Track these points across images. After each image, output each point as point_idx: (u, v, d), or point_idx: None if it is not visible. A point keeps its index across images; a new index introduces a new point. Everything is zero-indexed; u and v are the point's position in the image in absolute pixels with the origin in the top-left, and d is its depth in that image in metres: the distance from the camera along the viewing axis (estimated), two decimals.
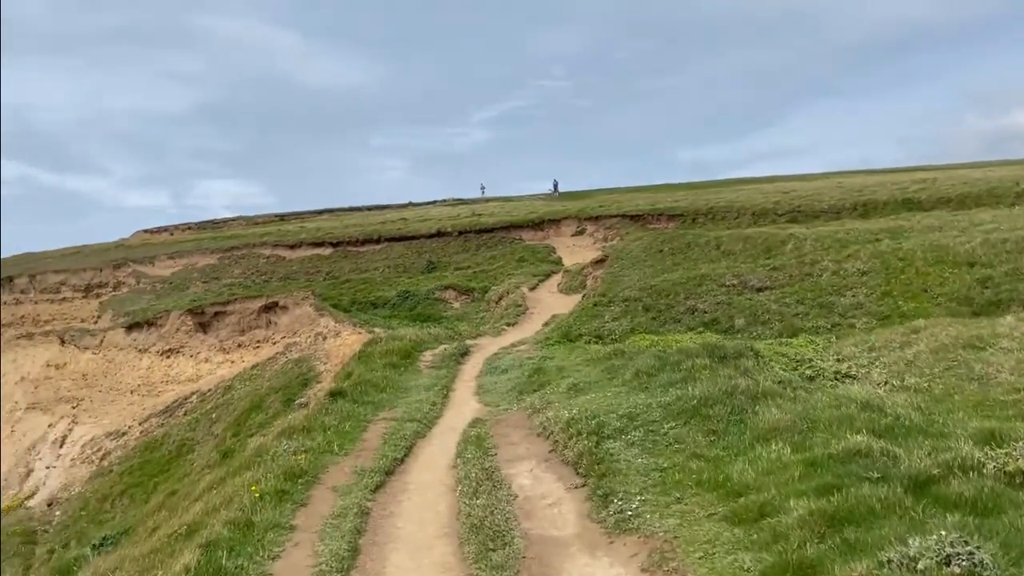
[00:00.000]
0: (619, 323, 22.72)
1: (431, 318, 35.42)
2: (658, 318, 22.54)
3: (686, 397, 9.63)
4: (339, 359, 30.40)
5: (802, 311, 20.50)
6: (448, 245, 46.46)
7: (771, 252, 24.39)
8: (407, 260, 45.68)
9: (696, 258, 25.80)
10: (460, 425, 13.90)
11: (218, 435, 28.16)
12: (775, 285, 22.32)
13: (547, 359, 18.78)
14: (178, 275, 47.71)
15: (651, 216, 46.13)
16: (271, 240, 49.58)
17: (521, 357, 20.11)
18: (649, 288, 24.08)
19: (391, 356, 19.96)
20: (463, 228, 47.62)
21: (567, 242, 47.34)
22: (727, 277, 23.27)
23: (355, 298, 37.54)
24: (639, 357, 13.85)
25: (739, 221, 39.76)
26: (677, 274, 24.63)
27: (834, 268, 22.03)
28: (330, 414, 13.97)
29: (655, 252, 27.21)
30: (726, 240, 25.83)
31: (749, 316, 20.94)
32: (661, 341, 16.69)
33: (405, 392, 16.87)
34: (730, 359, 13.16)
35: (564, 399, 12.70)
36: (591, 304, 24.62)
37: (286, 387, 29.42)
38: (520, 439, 11.19)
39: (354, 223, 54.07)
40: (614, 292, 24.72)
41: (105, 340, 38.47)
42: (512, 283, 35.23)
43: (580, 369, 15.80)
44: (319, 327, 32.11)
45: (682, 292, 23.21)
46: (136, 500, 26.70)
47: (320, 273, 44.08)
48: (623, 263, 27.31)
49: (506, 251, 44.47)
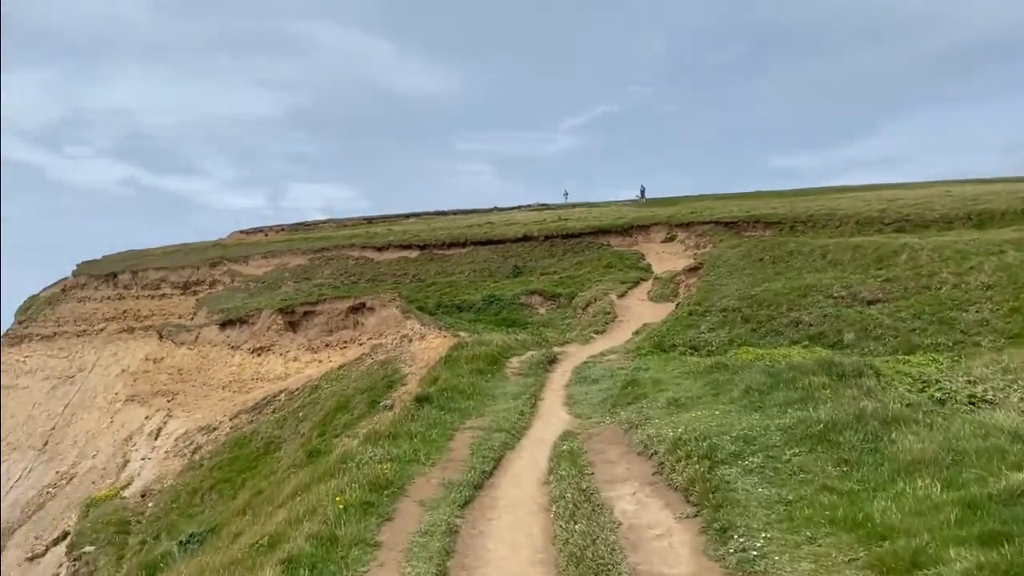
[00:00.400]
0: (716, 334, 21.58)
1: (516, 323, 34.86)
2: (758, 330, 21.29)
3: (809, 420, 8.62)
4: (424, 362, 30.15)
5: (919, 326, 18.94)
6: (534, 250, 45.84)
7: (883, 263, 22.76)
8: (493, 264, 45.30)
9: (799, 267, 24.34)
10: (550, 437, 13.20)
11: (304, 434, 28.27)
12: (888, 298, 20.76)
13: (641, 370, 17.88)
14: (270, 274, 48.69)
15: (746, 223, 44.36)
16: (359, 242, 50.06)
17: (612, 367, 19.26)
18: (749, 298, 22.82)
19: (477, 362, 19.42)
20: (549, 233, 46.93)
21: (656, 249, 46.03)
22: (835, 288, 21.80)
23: (440, 301, 37.36)
24: (746, 372, 12.83)
25: (842, 230, 37.70)
26: (779, 284, 23.27)
27: (954, 281, 20.32)
28: (416, 420, 13.48)
29: (754, 260, 25.85)
30: (832, 249, 24.28)
31: (859, 330, 19.50)
32: (767, 355, 15.56)
33: (492, 400, 16.27)
34: (849, 377, 12.01)
35: (665, 415, 11.81)
36: (686, 313, 23.53)
37: (371, 388, 29.33)
38: (618, 457, 10.37)
39: (440, 226, 54.15)
40: (710, 301, 23.56)
41: (200, 336, 39.46)
42: (600, 289, 34.32)
43: (679, 382, 14.85)
44: (405, 329, 31.97)
45: (785, 303, 21.88)
46: (224, 495, 27.02)
47: (407, 275, 44.18)
48: (720, 271, 26.06)
49: (593, 257, 43.53)
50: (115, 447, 37.02)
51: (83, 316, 52.58)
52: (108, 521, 27.85)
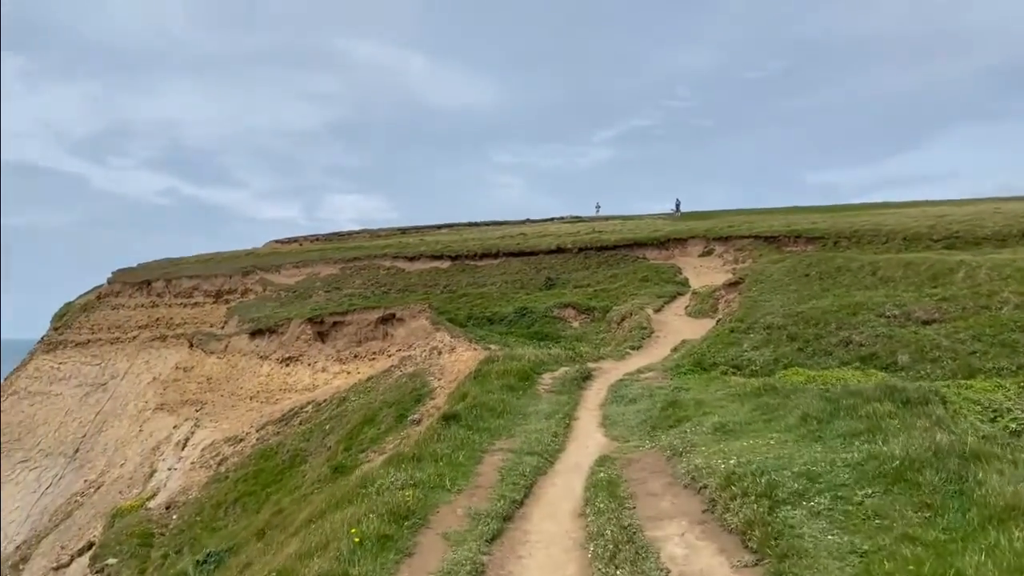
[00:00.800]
0: (760, 353, 20.51)
1: (549, 337, 34.00)
2: (805, 349, 20.19)
3: (881, 455, 7.65)
4: (454, 375, 29.42)
5: (980, 349, 17.71)
6: (567, 262, 44.96)
7: (937, 280, 21.53)
8: (525, 276, 44.52)
9: (848, 284, 23.18)
10: (586, 462, 12.34)
11: (331, 447, 27.67)
12: (945, 318, 19.54)
13: (681, 390, 16.92)
14: (302, 284, 48.42)
15: (787, 238, 43.06)
16: (391, 252, 49.63)
17: (651, 386, 18.32)
18: (795, 315, 21.71)
19: (508, 377, 18.59)
20: (583, 245, 46.03)
21: (694, 263, 44.90)
22: (887, 307, 20.62)
23: (471, 313, 36.64)
24: (800, 396, 11.84)
25: (888, 246, 36.31)
26: (827, 301, 22.13)
27: (1017, 301, 19.05)
28: (442, 441, 12.68)
29: (799, 276, 24.72)
30: (883, 265, 23.09)
31: (915, 352, 18.32)
32: (819, 377, 14.52)
33: (523, 418, 15.43)
34: (915, 405, 10.97)
35: (712, 442, 10.87)
36: (727, 330, 22.48)
37: (399, 402, 28.66)
38: (662, 489, 9.47)
39: (472, 237, 53.54)
40: (753, 318, 22.49)
41: (230, 345, 39.16)
42: (635, 304, 33.33)
43: (724, 405, 13.87)
44: (434, 341, 31.28)
45: (834, 321, 20.74)
46: (248, 509, 26.49)
47: (437, 286, 43.55)
48: (762, 287, 24.97)
49: (628, 270, 42.53)
50: (143, 456, 36.78)
51: (117, 323, 52.78)
52: (132, 533, 27.44)
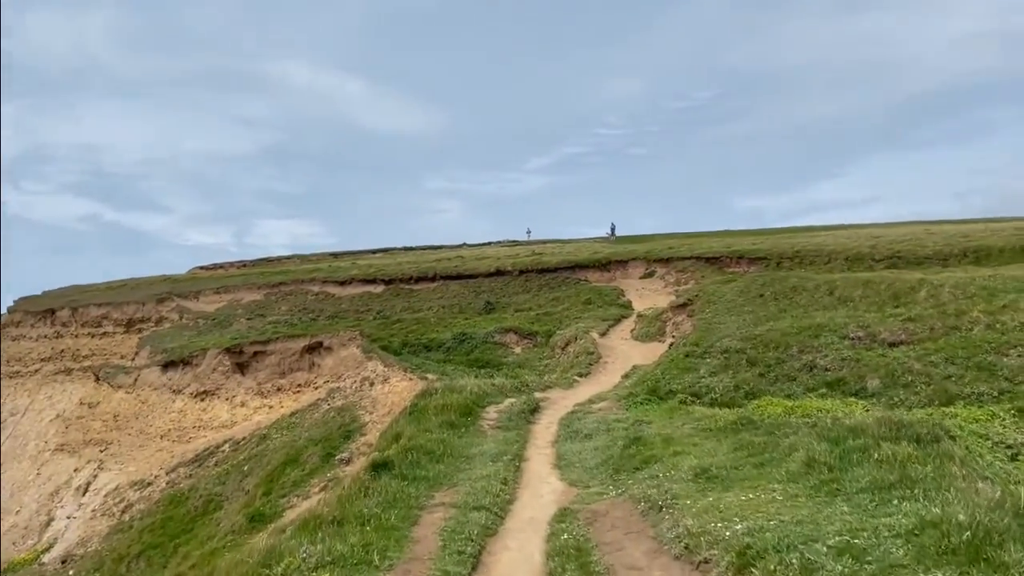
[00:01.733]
0: (718, 379, 18.97)
1: (490, 364, 32.04)
2: (767, 375, 18.73)
3: (941, 523, 5.90)
4: (387, 408, 27.14)
5: (955, 373, 16.49)
6: (507, 285, 43.19)
7: (899, 299, 20.44)
8: (463, 300, 42.55)
9: (805, 304, 21.95)
10: (543, 515, 10.42)
11: (248, 491, 24.99)
12: (912, 340, 18.35)
13: (642, 423, 15.15)
14: (222, 311, 45.32)
15: (729, 259, 42.29)
16: (320, 276, 46.99)
17: (606, 418, 16.51)
18: (753, 338, 20.30)
19: (448, 413, 16.52)
20: (524, 267, 44.38)
21: (635, 285, 43.71)
22: (850, 328, 19.37)
23: (407, 340, 34.42)
24: (789, 434, 10.15)
25: (831, 266, 35.69)
26: (785, 322, 20.81)
27: (988, 321, 17.99)
28: (371, 496, 10.56)
29: (753, 296, 23.42)
30: (840, 284, 21.95)
31: (885, 377, 17.00)
32: (798, 408, 12.92)
33: (467, 462, 13.40)
34: (926, 443, 9.40)
35: (696, 492, 9.07)
36: (681, 355, 20.91)
37: (326, 439, 26.22)
38: (645, 559, 7.57)
39: (408, 260, 51.37)
40: (709, 341, 20.99)
41: (139, 379, 35.93)
42: (580, 328, 31.69)
43: (697, 443, 12.13)
44: (366, 371, 28.96)
45: (795, 344, 19.37)
46: (153, 564, 23.58)
47: (370, 312, 41.17)
48: (715, 308, 23.58)
49: (570, 292, 41.01)
50: (40, 503, 33.17)
51: (17, 356, 48.52)
52: None
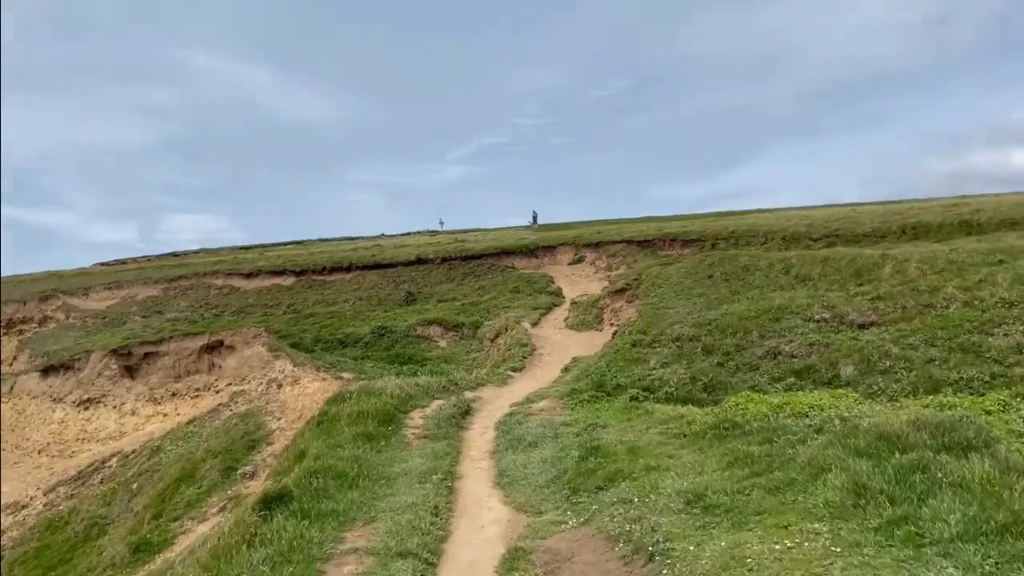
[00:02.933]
0: (672, 371, 16.89)
1: (413, 359, 29.39)
2: (726, 364, 16.75)
3: None
4: (297, 413, 24.19)
5: (937, 356, 14.82)
6: (429, 274, 40.48)
7: (862, 277, 18.81)
8: (382, 291, 39.63)
9: (760, 285, 20.12)
10: (487, 559, 8.06)
11: (137, 513, 21.70)
12: (884, 320, 16.66)
13: (597, 427, 12.86)
14: (114, 309, 41.08)
15: (661, 241, 40.69)
16: (224, 268, 43.16)
17: (552, 421, 14.16)
18: (707, 324, 18.31)
19: (365, 421, 13.84)
20: (447, 255, 41.74)
21: (565, 271, 41.68)
22: (815, 309, 17.58)
23: (320, 336, 31.38)
24: (803, 447, 7.98)
25: (768, 246, 34.40)
26: (741, 305, 18.92)
27: (964, 298, 16.44)
28: (258, 547, 7.88)
29: (702, 278, 21.49)
30: (797, 262, 20.21)
31: (860, 362, 15.22)
32: (788, 405, 10.80)
33: (388, 485, 10.81)
34: (978, 450, 7.37)
35: (695, 530, 6.76)
36: (628, 344, 18.77)
37: (228, 450, 23.12)
38: None
39: (321, 250, 47.97)
40: (658, 328, 18.92)
41: (16, 386, 31.75)
42: (510, 317, 29.34)
43: (672, 453, 9.88)
44: (273, 372, 25.89)
45: (755, 329, 17.47)
46: None
47: (280, 306, 37.80)
48: (661, 291, 21.55)
49: (497, 280, 38.62)
50: None
51: None
52: None
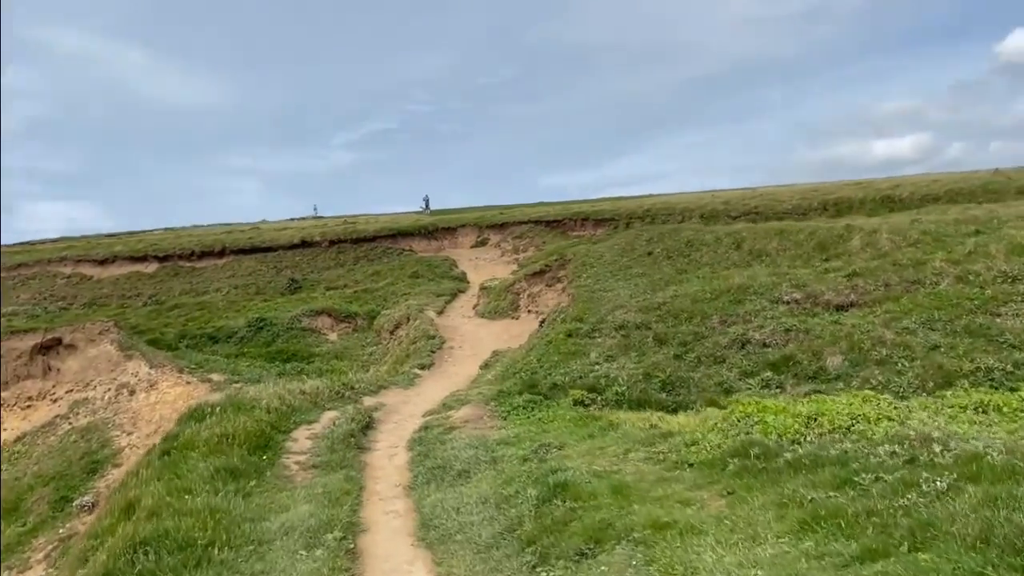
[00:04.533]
0: (619, 365, 13.86)
1: (297, 356, 25.33)
2: (685, 356, 13.86)
3: None
4: (154, 426, 19.82)
5: (942, 342, 12.38)
6: (316, 258, 36.22)
7: (828, 251, 16.39)
8: (262, 278, 35.10)
9: (709, 262, 17.42)
10: None
11: None
12: (866, 300, 14.18)
13: (549, 448, 9.59)
14: None
15: (571, 222, 38.05)
16: (74, 255, 37.26)
17: (484, 438, 10.77)
18: (656, 308, 15.38)
19: (230, 449, 10.05)
20: (336, 237, 37.56)
21: (468, 254, 38.34)
22: (783, 289, 14.95)
23: (186, 330, 26.76)
24: (944, 502, 4.95)
25: (686, 225, 32.26)
26: (693, 286, 16.10)
27: (956, 272, 14.15)
28: None
29: (641, 256, 18.62)
30: (749, 236, 17.63)
31: (849, 351, 12.62)
32: (825, 415, 7.81)
33: (258, 556, 7.17)
34: None
35: None
36: (561, 335, 15.62)
37: (63, 475, 18.59)
38: None
39: (190, 235, 42.61)
40: (597, 315, 15.86)
41: None
42: (412, 306, 25.72)
43: (684, 496, 6.70)
44: (125, 375, 21.33)
45: (715, 313, 14.67)
46: None
47: (140, 297, 32.66)
48: (594, 272, 18.54)
49: (394, 265, 34.83)
50: None
51: None
52: None
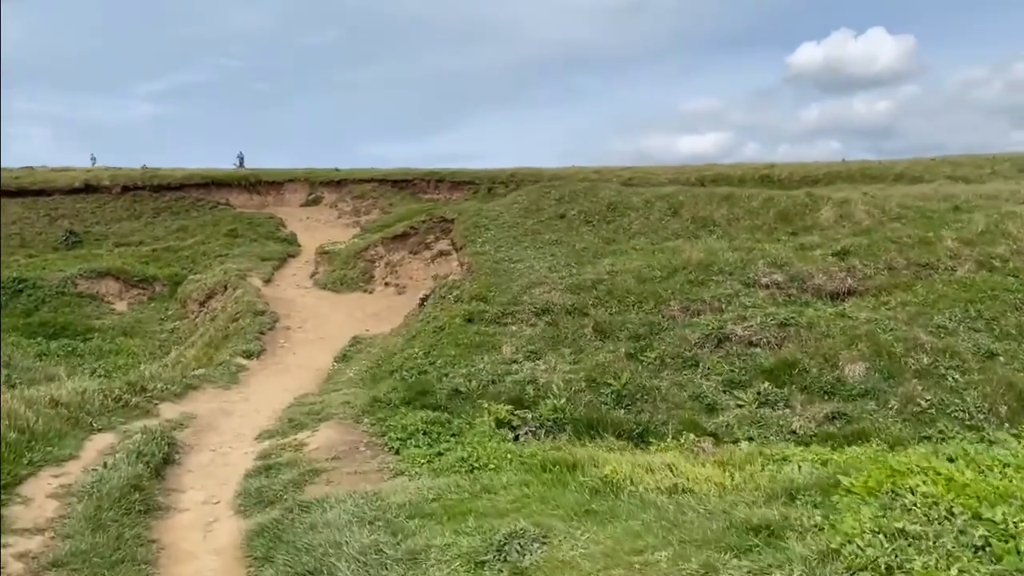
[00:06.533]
0: (549, 366, 9.78)
1: (70, 331, 19.04)
2: (641, 355, 9.95)
3: None
4: None
5: (1000, 348, 9.35)
6: (104, 207, 29.16)
7: (794, 223, 13.19)
8: (30, 228, 27.72)
9: (641, 231, 13.67)
10: None
11: None
12: (867, 287, 10.95)
13: (527, 544, 5.18)
14: None
15: (424, 183, 33.50)
16: None
17: (380, 504, 6.03)
18: (590, 287, 11.33)
19: None
20: (130, 182, 30.48)
21: (298, 214, 32.60)
22: (759, 268, 11.39)
23: None
24: None
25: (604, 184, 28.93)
26: (634, 260, 12.23)
27: (976, 256, 11.22)
28: None
29: (551, 219, 14.52)
30: (688, 202, 14.07)
31: (873, 357, 9.23)
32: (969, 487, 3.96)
33: None
34: None
35: None
36: (458, 319, 11.19)
37: None
38: None
39: None
40: (507, 294, 11.58)
41: None
42: (230, 271, 20.12)
43: None
44: None
45: (672, 297, 10.85)
46: None
47: None
48: (491, 235, 14.26)
49: (205, 220, 28.57)
50: None
51: None
52: None
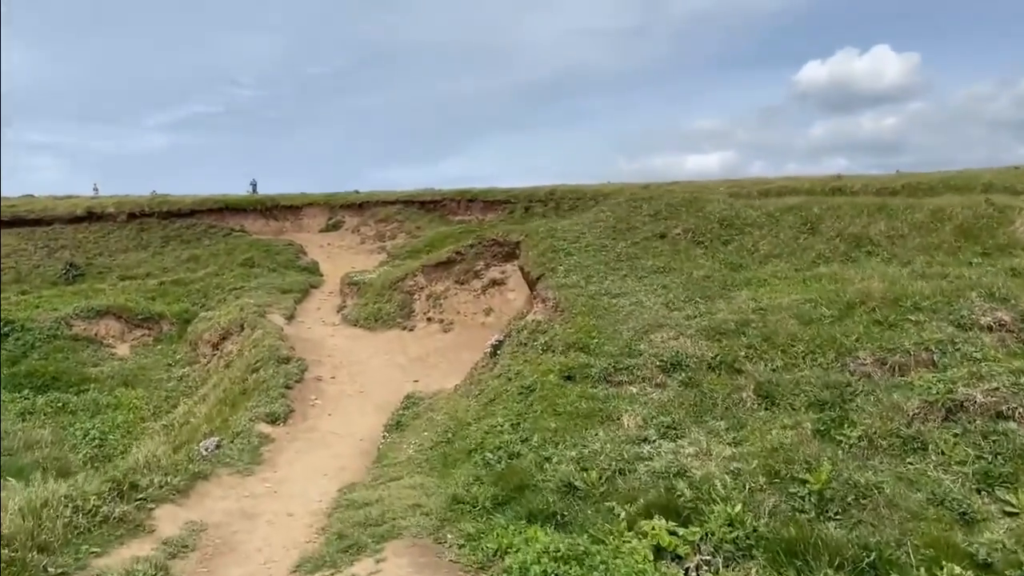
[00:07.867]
0: (701, 448, 7.18)
1: (61, 381, 16.26)
2: (836, 432, 7.12)
3: None
4: None
5: None
6: (108, 236, 26.50)
7: (980, 239, 10.23)
8: (26, 261, 25.10)
9: (774, 252, 10.78)
10: None
11: None
12: None
13: None
14: None
15: (454, 203, 30.65)
16: None
17: None
18: (733, 331, 8.40)
19: None
20: (138, 209, 27.86)
21: (318, 240, 29.86)
22: (972, 303, 8.42)
23: None
24: None
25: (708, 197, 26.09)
26: (785, 293, 9.29)
27: None
28: None
29: (651, 239, 11.64)
30: (827, 214, 11.11)
31: None
32: None
33: None
34: None
35: None
36: (551, 375, 8.30)
37: None
38: None
39: None
40: (617, 342, 8.70)
41: None
42: (248, 306, 17.30)
43: None
44: None
45: (859, 343, 7.99)
46: None
47: None
48: (577, 261, 11.37)
49: (219, 249, 25.81)
50: None
51: None
52: None
